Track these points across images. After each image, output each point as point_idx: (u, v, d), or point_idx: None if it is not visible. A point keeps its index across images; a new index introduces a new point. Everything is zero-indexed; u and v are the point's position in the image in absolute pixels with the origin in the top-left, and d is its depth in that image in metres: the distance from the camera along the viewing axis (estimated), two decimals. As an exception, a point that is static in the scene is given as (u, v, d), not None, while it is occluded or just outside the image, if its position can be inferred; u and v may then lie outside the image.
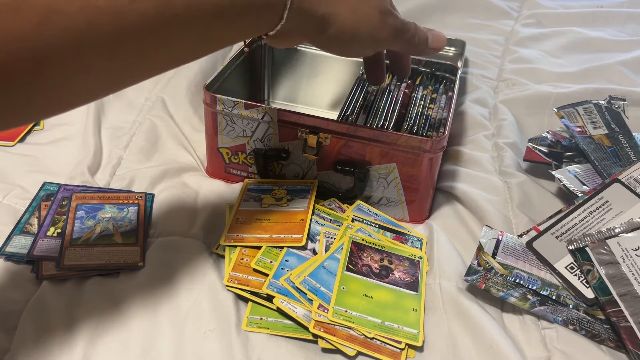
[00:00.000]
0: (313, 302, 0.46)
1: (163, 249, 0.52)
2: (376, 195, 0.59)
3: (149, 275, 0.50)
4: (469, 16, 0.97)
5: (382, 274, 0.50)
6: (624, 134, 0.64)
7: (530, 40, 0.92)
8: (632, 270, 0.48)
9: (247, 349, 0.45)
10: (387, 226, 0.56)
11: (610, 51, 0.87)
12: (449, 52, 0.77)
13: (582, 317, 0.48)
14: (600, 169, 0.60)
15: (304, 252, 0.51)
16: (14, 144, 0.65)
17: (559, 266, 0.51)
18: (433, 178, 0.58)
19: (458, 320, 0.48)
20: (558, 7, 1.01)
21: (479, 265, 0.50)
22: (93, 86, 0.34)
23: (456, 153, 0.67)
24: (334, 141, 0.56)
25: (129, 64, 0.34)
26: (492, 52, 0.89)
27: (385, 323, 0.46)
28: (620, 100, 0.68)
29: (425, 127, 0.62)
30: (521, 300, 0.49)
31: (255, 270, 0.49)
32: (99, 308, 0.47)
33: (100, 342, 0.44)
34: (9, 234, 0.53)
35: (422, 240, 0.56)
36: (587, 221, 0.53)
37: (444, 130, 0.59)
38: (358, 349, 0.44)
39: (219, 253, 0.53)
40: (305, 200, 0.56)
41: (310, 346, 0.45)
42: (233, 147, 0.60)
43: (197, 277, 0.50)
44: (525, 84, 0.81)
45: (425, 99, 0.66)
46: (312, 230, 0.54)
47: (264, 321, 0.47)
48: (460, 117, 0.73)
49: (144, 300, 0.47)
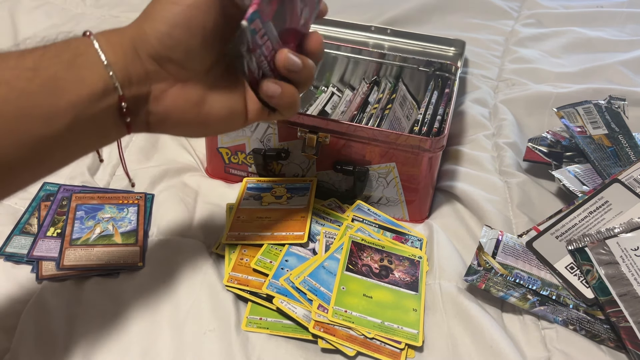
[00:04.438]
0: (313, 302, 0.46)
1: (163, 249, 0.52)
2: (376, 195, 0.59)
3: (149, 276, 0.50)
4: (469, 16, 0.97)
5: (382, 274, 0.50)
6: (624, 134, 0.64)
7: (530, 40, 0.92)
8: (632, 271, 0.48)
9: (247, 349, 0.45)
10: (387, 226, 0.56)
11: (610, 51, 0.87)
12: (449, 52, 0.77)
13: (582, 317, 0.48)
14: (600, 169, 0.60)
15: (303, 252, 0.51)
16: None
17: (558, 266, 0.51)
18: (433, 177, 0.58)
19: (458, 320, 0.48)
20: (558, 7, 1.01)
21: (478, 265, 0.50)
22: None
23: (456, 153, 0.67)
24: (333, 141, 0.56)
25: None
26: (492, 52, 0.89)
27: (385, 323, 0.46)
28: (620, 100, 0.68)
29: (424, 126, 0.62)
30: (521, 300, 0.49)
31: (255, 270, 0.49)
32: (99, 308, 0.47)
33: (100, 343, 0.44)
34: (9, 234, 0.53)
35: (422, 240, 0.56)
36: (587, 221, 0.53)
37: (440, 125, 0.59)
38: (358, 349, 0.44)
39: (218, 253, 0.53)
40: (305, 197, 0.56)
41: (310, 346, 0.45)
42: (233, 147, 0.60)
43: (196, 277, 0.50)
44: (525, 84, 0.81)
45: (381, 101, 0.66)
46: (312, 230, 0.54)
47: (264, 321, 0.47)
48: (460, 116, 0.73)
49: (144, 301, 0.47)
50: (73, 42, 0.35)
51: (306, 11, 0.41)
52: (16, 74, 0.32)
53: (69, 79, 0.33)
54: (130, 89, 0.36)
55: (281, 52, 0.39)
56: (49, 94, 0.32)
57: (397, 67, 0.71)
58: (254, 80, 0.39)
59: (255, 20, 0.36)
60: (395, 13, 0.95)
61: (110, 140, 0.38)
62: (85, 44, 0.35)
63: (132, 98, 0.36)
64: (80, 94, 0.33)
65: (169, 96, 0.38)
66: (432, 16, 0.96)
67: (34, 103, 0.32)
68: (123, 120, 0.36)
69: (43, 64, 0.33)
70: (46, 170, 0.36)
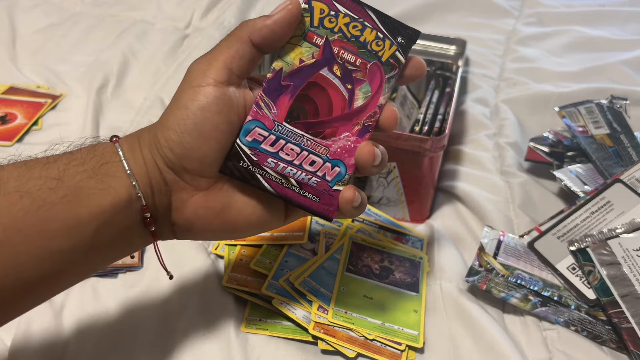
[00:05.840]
0: (312, 303, 0.46)
1: (162, 250, 0.52)
2: (376, 195, 0.58)
3: (148, 276, 0.50)
4: (470, 15, 0.97)
5: (382, 274, 0.50)
6: (626, 134, 0.63)
7: (531, 39, 0.91)
8: (634, 271, 0.48)
9: (246, 350, 0.44)
10: (388, 226, 0.56)
11: (612, 50, 0.87)
12: (449, 51, 0.76)
13: (583, 318, 0.48)
14: (602, 169, 0.60)
15: (303, 252, 0.51)
16: (12, 144, 0.65)
17: (560, 267, 0.51)
18: (433, 177, 0.58)
19: (459, 321, 0.47)
20: (559, 6, 1.00)
21: (480, 266, 0.50)
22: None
23: (457, 153, 0.67)
24: (333, 141, 0.55)
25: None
26: (493, 51, 0.89)
27: (385, 324, 0.46)
28: (622, 100, 0.68)
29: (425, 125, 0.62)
30: (522, 301, 0.48)
31: (255, 270, 0.49)
32: (97, 309, 0.47)
33: (99, 344, 0.44)
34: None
35: (422, 241, 0.55)
36: (588, 221, 0.53)
37: (441, 125, 0.59)
38: (358, 350, 0.44)
39: (217, 254, 0.52)
40: (305, 200, 0.56)
41: (310, 348, 0.45)
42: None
43: (195, 277, 0.49)
44: (527, 83, 0.80)
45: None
46: (312, 230, 0.53)
47: (263, 322, 0.46)
48: (461, 116, 0.73)
49: (142, 301, 0.47)
50: (99, 148, 0.34)
51: (365, 87, 0.36)
52: (39, 184, 0.31)
53: (92, 188, 0.32)
54: (153, 199, 0.34)
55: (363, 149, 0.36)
56: (72, 203, 0.31)
57: (398, 66, 0.71)
58: (285, 192, 0.36)
59: (253, 129, 0.34)
60: (395, 12, 0.94)
61: (136, 249, 0.37)
62: (110, 151, 0.34)
63: (154, 208, 0.34)
64: (103, 204, 0.32)
65: (189, 206, 0.35)
66: (433, 15, 0.96)
67: (55, 215, 0.31)
68: (147, 230, 0.35)
69: (68, 173, 0.32)
70: (66, 284, 0.34)
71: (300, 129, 0.36)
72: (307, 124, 0.36)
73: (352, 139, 0.36)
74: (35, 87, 0.74)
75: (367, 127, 0.36)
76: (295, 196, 0.36)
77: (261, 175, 0.35)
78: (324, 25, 0.35)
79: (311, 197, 0.36)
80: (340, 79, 0.36)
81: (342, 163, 0.36)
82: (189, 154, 0.34)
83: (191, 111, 0.33)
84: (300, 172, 0.36)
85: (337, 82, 0.36)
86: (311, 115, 0.36)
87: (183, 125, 0.33)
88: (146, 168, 0.34)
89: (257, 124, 0.35)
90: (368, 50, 0.36)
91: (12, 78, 0.76)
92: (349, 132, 0.36)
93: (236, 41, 0.34)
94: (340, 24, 0.36)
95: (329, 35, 0.36)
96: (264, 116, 0.35)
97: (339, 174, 0.36)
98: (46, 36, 0.84)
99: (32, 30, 0.85)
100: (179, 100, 0.34)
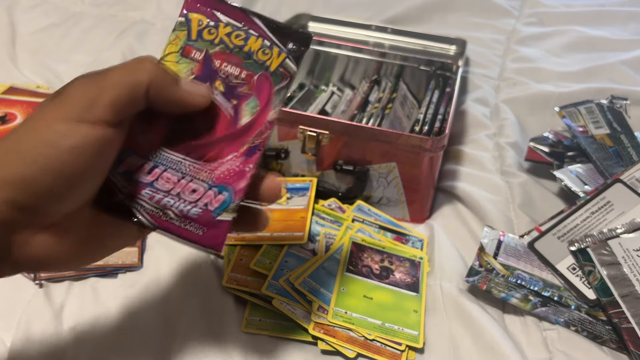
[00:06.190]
0: (312, 304, 0.46)
1: (161, 250, 0.52)
2: (376, 195, 0.58)
3: (148, 276, 0.50)
4: (470, 15, 0.97)
5: (382, 275, 0.50)
6: (626, 134, 0.63)
7: (531, 39, 0.91)
8: (634, 271, 0.47)
9: (246, 350, 0.44)
10: (388, 226, 0.56)
11: (612, 50, 0.87)
12: (449, 51, 0.76)
13: (583, 318, 0.48)
14: (602, 169, 0.60)
15: (303, 252, 0.51)
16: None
17: (560, 267, 0.51)
18: (434, 177, 0.58)
19: (459, 321, 0.47)
20: (559, 6, 1.00)
21: (480, 266, 0.50)
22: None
23: (457, 153, 0.67)
24: (333, 140, 0.55)
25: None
26: (494, 51, 0.89)
27: (385, 324, 0.46)
28: (622, 100, 0.68)
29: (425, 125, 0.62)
30: (523, 301, 0.48)
31: (255, 271, 0.49)
32: (97, 309, 0.46)
33: (99, 344, 0.44)
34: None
35: (422, 241, 0.55)
36: (589, 222, 0.53)
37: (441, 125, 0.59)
38: (358, 350, 0.44)
39: (217, 254, 0.52)
40: (304, 198, 0.56)
41: (310, 348, 0.45)
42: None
43: (195, 277, 0.49)
44: (527, 83, 0.80)
45: (382, 101, 0.65)
46: (312, 230, 0.53)
47: (263, 322, 0.46)
48: (462, 116, 0.73)
49: (142, 301, 0.47)
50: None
51: (252, 102, 0.33)
52: None
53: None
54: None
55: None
56: None
57: (398, 66, 0.71)
58: (165, 225, 0.32)
59: (126, 160, 0.31)
60: (396, 11, 0.94)
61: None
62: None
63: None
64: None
65: (36, 243, 0.29)
66: (433, 15, 0.96)
67: None
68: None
69: None
70: None
71: (180, 153, 0.32)
72: (187, 147, 0.32)
73: (240, 159, 0.33)
74: (35, 87, 0.74)
75: (256, 146, 0.33)
76: (177, 229, 0.32)
77: (137, 209, 0.32)
78: (202, 37, 0.33)
79: (193, 229, 0.32)
80: (223, 94, 0.33)
81: (228, 188, 0.33)
82: (33, 191, 0.27)
83: (60, 151, 0.27)
84: (179, 202, 0.32)
85: (219, 99, 0.33)
86: (192, 137, 0.32)
87: (26, 157, 0.27)
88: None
89: (130, 152, 0.31)
90: (254, 61, 0.33)
91: (12, 78, 0.76)
92: (235, 152, 0.33)
93: (132, 79, 0.29)
94: (222, 34, 0.33)
95: (209, 48, 0.33)
96: (137, 143, 0.31)
97: (224, 202, 0.32)
98: (46, 36, 0.84)
99: (32, 30, 0.86)
100: (41, 131, 0.28)
